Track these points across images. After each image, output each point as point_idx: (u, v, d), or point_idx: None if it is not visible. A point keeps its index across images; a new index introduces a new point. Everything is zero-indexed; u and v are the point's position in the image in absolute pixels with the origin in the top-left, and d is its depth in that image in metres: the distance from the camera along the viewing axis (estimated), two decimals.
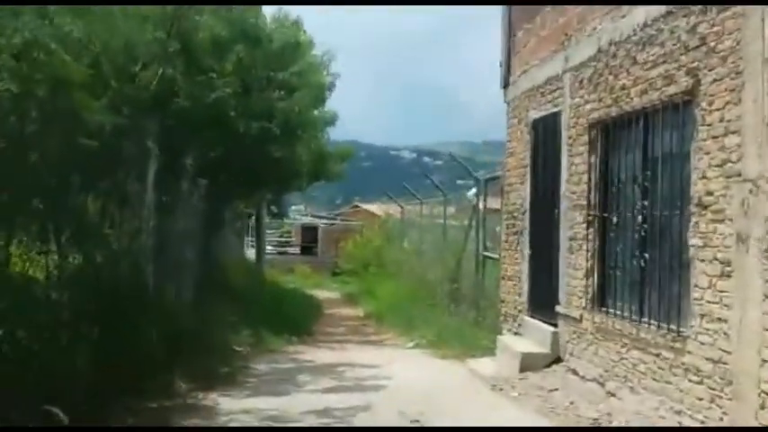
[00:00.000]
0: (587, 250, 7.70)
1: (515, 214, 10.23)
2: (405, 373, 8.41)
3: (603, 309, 7.38)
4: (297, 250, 39.52)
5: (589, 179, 7.76)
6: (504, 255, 10.72)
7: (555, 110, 8.88)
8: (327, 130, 14.18)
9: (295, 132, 12.57)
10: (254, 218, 23.81)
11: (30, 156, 4.72)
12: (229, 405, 6.87)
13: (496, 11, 11.13)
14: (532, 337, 8.98)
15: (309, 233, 39.12)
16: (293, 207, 54.71)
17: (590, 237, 7.69)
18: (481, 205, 12.38)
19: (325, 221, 41.04)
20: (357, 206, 44.42)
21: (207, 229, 13.74)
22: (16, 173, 4.57)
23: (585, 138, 7.88)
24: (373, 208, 38.60)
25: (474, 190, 12.64)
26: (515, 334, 9.83)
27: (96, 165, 5.72)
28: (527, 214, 9.74)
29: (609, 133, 7.53)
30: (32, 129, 4.72)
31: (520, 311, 9.82)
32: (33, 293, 5.29)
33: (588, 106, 7.87)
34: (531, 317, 9.32)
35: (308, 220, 42.77)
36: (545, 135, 9.23)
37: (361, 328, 14.56)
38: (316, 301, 19.71)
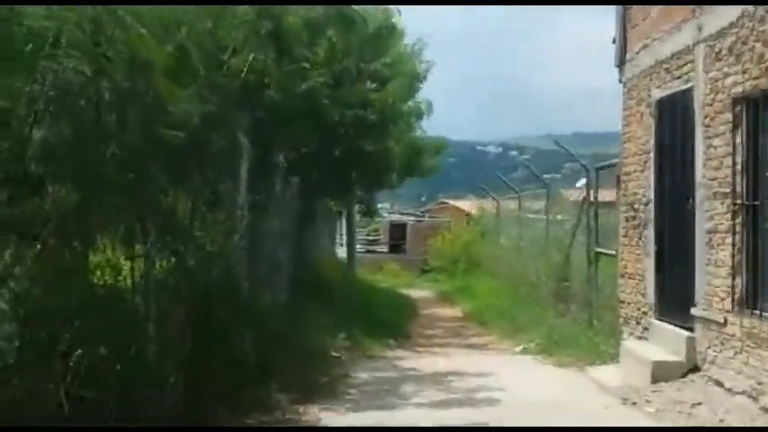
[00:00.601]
0: (733, 244, 6.67)
1: (635, 206, 9.22)
2: (519, 383, 7.59)
3: (755, 311, 6.35)
4: (385, 248, 38.90)
5: (734, 162, 6.72)
6: (622, 251, 9.72)
7: (685, 86, 7.85)
8: (420, 122, 13.45)
9: (389, 124, 11.89)
10: (344, 216, 23.38)
11: (107, 146, 4.21)
12: (332, 420, 6.26)
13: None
14: (662, 342, 7.98)
15: (397, 231, 38.58)
16: (380, 205, 54.55)
17: (736, 229, 6.65)
18: (592, 197, 11.35)
19: (412, 219, 40.32)
20: (444, 202, 43.71)
21: (299, 229, 13.29)
22: (92, 166, 4.06)
23: (727, 115, 6.84)
24: (460, 204, 37.79)
25: (584, 180, 11.63)
26: (640, 338, 8.83)
27: (184, 159, 5.21)
28: (651, 205, 8.73)
29: (758, 109, 6.47)
30: (110, 117, 4.21)
31: (644, 313, 8.81)
32: (118, 307, 4.80)
33: (730, 80, 6.83)
34: (660, 320, 8.32)
35: (395, 217, 42.38)
36: (672, 115, 8.21)
37: (460, 330, 13.78)
38: (410, 300, 19.05)
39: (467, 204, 35.58)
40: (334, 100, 9.21)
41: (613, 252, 10.29)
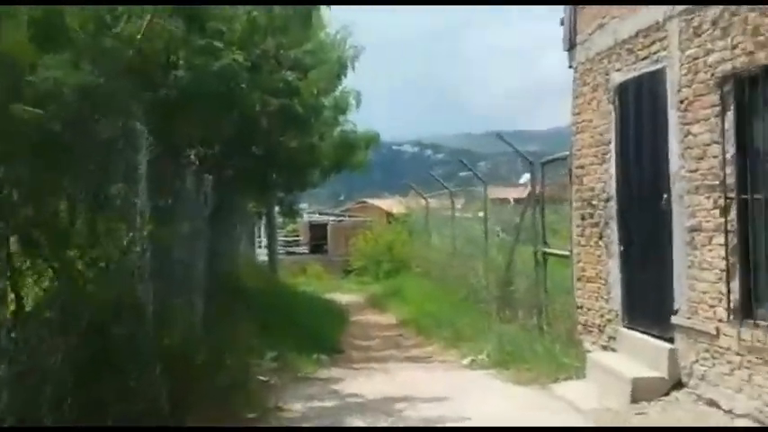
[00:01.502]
0: (725, 244, 5.81)
1: (593, 202, 8.36)
2: (482, 410, 6.52)
3: (755, 321, 5.51)
4: (305, 249, 38.17)
5: (723, 151, 5.86)
6: (578, 251, 8.86)
7: (654, 68, 7.00)
8: (347, 115, 12.25)
9: (311, 118, 10.67)
10: (264, 218, 21.98)
11: None
12: None
13: None
14: (636, 354, 7.10)
15: (318, 231, 37.85)
16: (299, 205, 53.17)
17: (728, 227, 5.80)
18: (538, 193, 10.49)
19: (333, 218, 39.69)
20: (363, 202, 43.15)
21: (216, 234, 11.91)
22: None
23: (712, 97, 5.99)
24: (380, 203, 37.39)
25: (527, 176, 10.75)
26: (605, 348, 7.98)
27: (57, 148, 3.88)
28: (612, 202, 7.87)
29: (753, 88, 5.63)
30: None
31: (609, 321, 7.96)
32: None
33: (714, 57, 5.98)
34: (630, 328, 7.46)
35: (315, 217, 41.92)
36: (638, 101, 7.36)
37: (398, 340, 12.70)
38: (338, 306, 17.84)
39: (387, 203, 35.29)
40: (255, 85, 7.93)
41: (566, 252, 9.44)
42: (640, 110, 7.29)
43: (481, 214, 16.46)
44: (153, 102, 6.19)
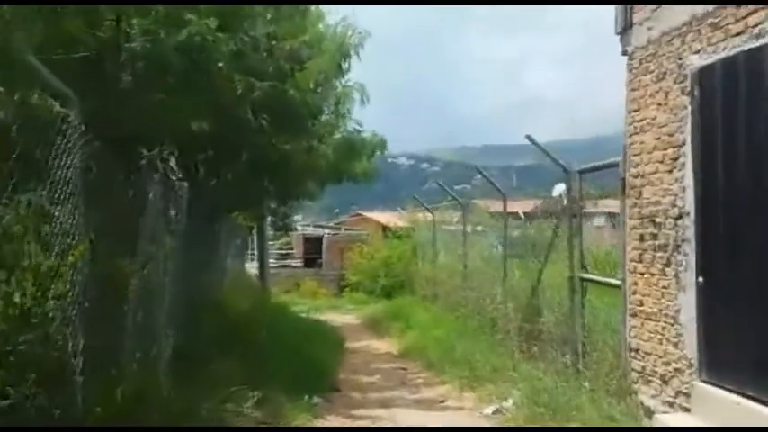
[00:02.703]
0: None
1: (657, 219, 6.72)
2: None
3: None
4: (299, 262, 36.95)
5: None
6: (633, 281, 7.20)
7: (755, 44, 5.38)
8: (351, 112, 10.50)
9: (308, 113, 9.03)
10: (255, 232, 20.30)
11: None
12: None
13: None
14: (724, 420, 5.44)
15: (312, 244, 36.61)
16: (293, 217, 51.57)
17: None
18: (573, 206, 8.84)
19: (328, 231, 38.56)
20: (359, 214, 42.62)
21: (196, 253, 10.25)
22: None
23: None
24: (377, 216, 36.50)
25: (562, 187, 9.10)
26: (671, 405, 6.31)
27: None
28: (686, 220, 6.23)
29: None
30: None
31: (677, 371, 6.29)
32: None
33: None
34: (711, 383, 5.79)
35: (310, 230, 41.28)
36: (729, 88, 5.72)
37: (403, 376, 10.98)
38: (334, 330, 16.13)
39: (383, 217, 34.45)
40: (237, 68, 6.28)
41: (614, 281, 7.78)
42: (733, 100, 5.66)
43: (480, 228, 14.93)
44: (98, 87, 4.58)
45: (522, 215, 13.63)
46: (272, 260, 38.92)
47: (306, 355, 11.25)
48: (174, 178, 7.74)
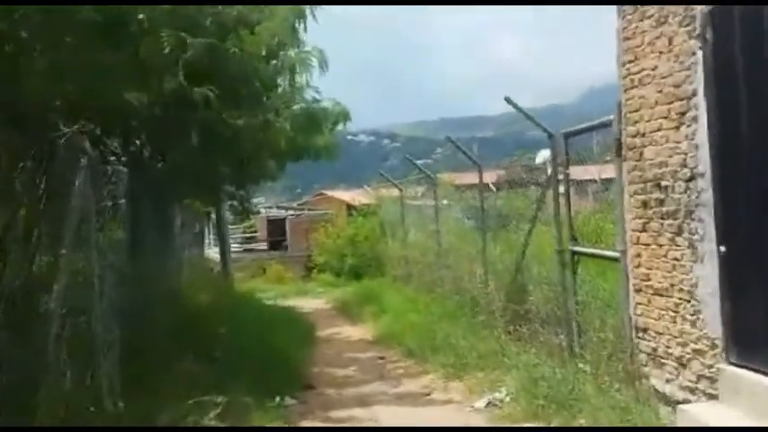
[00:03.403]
0: None
1: (664, 183, 5.93)
2: None
3: None
4: (264, 246, 36.40)
5: None
6: (636, 252, 6.43)
7: None
8: (309, 81, 9.43)
9: (262, 89, 8.05)
10: (213, 218, 19.22)
11: None
12: None
13: None
14: (760, 408, 4.70)
15: (276, 226, 36.16)
16: (254, 200, 50.31)
17: None
18: (560, 173, 8.03)
19: (291, 212, 37.99)
20: (322, 193, 41.58)
21: (144, 247, 9.27)
22: None
23: None
24: (340, 194, 35.87)
25: (546, 153, 8.28)
26: (692, 391, 5.57)
27: None
28: (701, 181, 5.44)
29: None
30: None
31: (698, 353, 5.54)
32: None
33: None
34: (746, 367, 5.04)
35: (273, 212, 40.56)
36: (749, 29, 4.92)
37: (382, 367, 10.14)
38: (304, 317, 15.24)
39: (347, 195, 33.86)
40: (163, 22, 5.26)
41: (612, 253, 7.01)
42: (757, 41, 4.85)
43: (446, 202, 14.15)
44: None
45: (492, 186, 12.88)
46: (236, 245, 38.05)
47: (275, 348, 10.37)
48: (113, 161, 6.74)
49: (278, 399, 8.07)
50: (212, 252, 21.72)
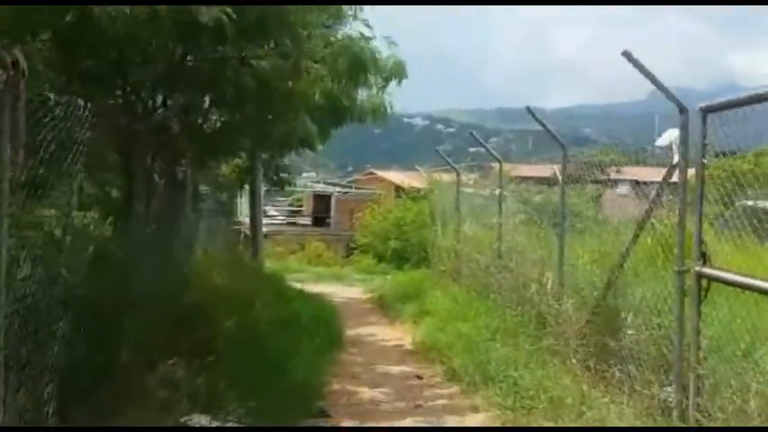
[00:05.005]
0: None
1: None
2: None
3: None
4: (308, 221, 36.81)
5: None
6: None
7: None
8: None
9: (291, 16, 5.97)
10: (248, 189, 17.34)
11: None
12: None
13: None
14: None
15: (322, 202, 36.41)
16: (304, 174, 49.06)
17: None
18: (691, 160, 5.78)
19: (338, 190, 38.07)
20: (372, 173, 40.96)
21: (139, 219, 7.37)
22: None
23: None
24: (390, 175, 35.17)
25: (674, 133, 5.98)
26: None
27: None
28: None
29: None
30: None
31: None
32: None
33: None
34: None
35: (320, 187, 40.50)
36: None
37: (419, 391, 8.04)
38: (332, 310, 13.26)
39: (397, 176, 33.01)
40: None
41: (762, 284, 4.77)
42: None
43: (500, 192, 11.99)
44: None
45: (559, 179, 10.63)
46: (281, 216, 37.30)
47: (289, 352, 8.46)
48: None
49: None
50: (244, 226, 19.98)
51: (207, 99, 7.71)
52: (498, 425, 6.56)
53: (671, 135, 5.95)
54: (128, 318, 6.60)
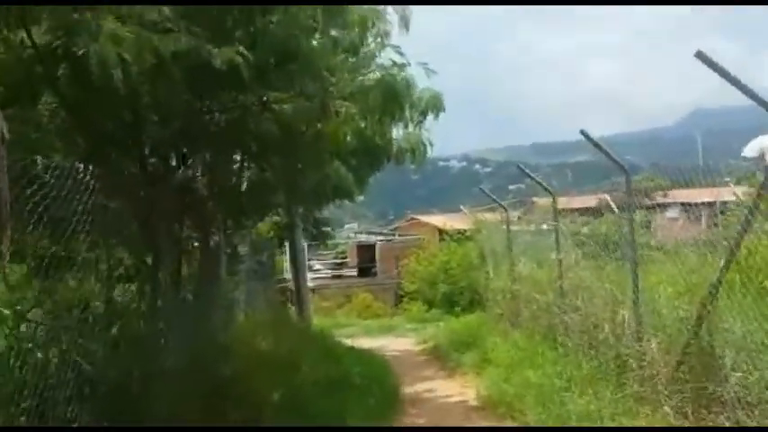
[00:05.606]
0: None
1: None
2: None
3: None
4: (354, 272, 35.70)
5: None
6: None
7: None
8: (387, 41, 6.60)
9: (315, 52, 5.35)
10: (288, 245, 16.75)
11: None
12: None
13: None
14: None
15: (366, 252, 35.53)
16: (346, 226, 48.85)
17: None
18: None
19: (381, 238, 37.74)
20: (414, 218, 40.34)
21: (162, 288, 6.75)
22: None
23: None
24: (432, 219, 34.67)
25: (761, 141, 5.14)
26: None
27: None
28: None
29: None
30: None
31: None
32: None
33: None
34: None
35: (363, 237, 40.00)
36: None
37: None
38: (385, 366, 12.38)
39: (439, 220, 32.30)
40: None
41: None
42: None
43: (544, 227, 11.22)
44: None
45: (614, 208, 9.77)
46: (326, 270, 36.88)
47: (340, 420, 7.65)
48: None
49: None
50: (287, 283, 19.36)
51: (231, 155, 7.07)
52: None
53: (761, 142, 5.08)
54: (157, 399, 5.92)
